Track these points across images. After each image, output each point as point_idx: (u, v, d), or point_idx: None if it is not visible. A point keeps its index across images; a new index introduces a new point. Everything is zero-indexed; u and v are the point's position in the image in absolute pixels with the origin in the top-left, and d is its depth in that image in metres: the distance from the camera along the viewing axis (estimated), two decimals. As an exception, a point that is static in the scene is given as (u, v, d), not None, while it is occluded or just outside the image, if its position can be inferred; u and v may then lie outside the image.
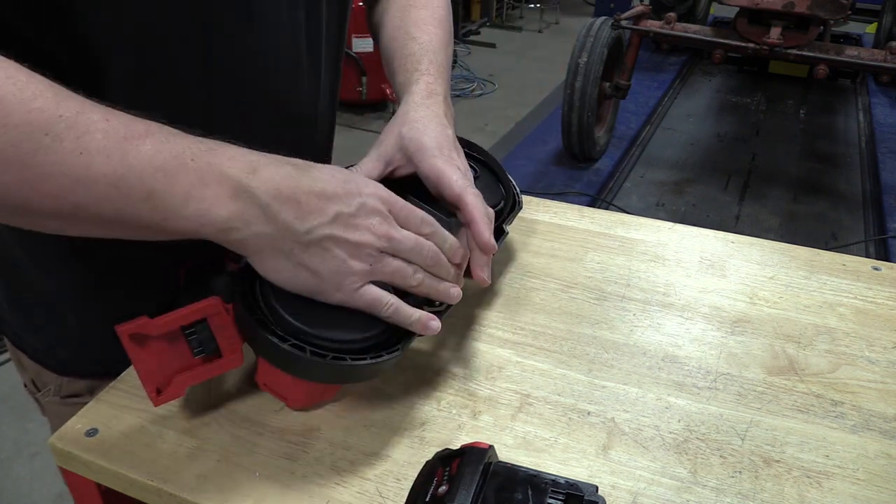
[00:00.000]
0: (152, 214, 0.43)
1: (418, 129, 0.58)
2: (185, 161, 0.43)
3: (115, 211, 0.42)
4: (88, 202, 0.41)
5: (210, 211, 0.44)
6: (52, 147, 0.39)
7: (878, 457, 0.53)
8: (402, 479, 0.50)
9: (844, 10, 2.53)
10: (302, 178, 0.47)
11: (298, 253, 0.47)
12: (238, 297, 0.49)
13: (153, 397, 0.49)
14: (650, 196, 2.73)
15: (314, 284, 0.48)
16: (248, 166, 0.45)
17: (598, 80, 2.64)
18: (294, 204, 0.46)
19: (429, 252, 0.51)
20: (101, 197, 0.41)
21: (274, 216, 0.45)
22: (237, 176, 0.44)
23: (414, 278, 0.51)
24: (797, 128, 3.46)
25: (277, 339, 0.47)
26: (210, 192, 0.43)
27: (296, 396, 0.54)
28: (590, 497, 0.43)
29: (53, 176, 0.39)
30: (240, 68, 0.58)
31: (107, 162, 0.40)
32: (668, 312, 0.68)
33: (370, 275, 0.49)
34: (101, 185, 0.41)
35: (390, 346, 0.51)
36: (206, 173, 0.43)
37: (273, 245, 0.46)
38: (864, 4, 4.46)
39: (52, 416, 0.73)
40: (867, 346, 0.64)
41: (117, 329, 0.46)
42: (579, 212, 0.84)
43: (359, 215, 0.48)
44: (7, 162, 0.38)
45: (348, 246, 0.48)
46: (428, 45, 0.66)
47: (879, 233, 2.44)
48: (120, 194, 0.41)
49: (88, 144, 0.40)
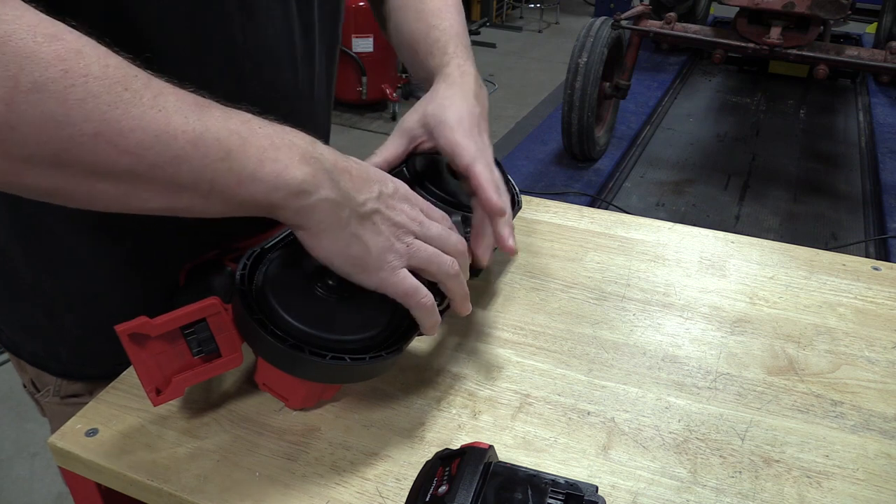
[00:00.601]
0: (228, 177, 0.42)
1: (443, 105, 0.59)
2: (253, 127, 0.44)
3: (190, 172, 0.41)
4: (166, 161, 0.40)
5: (286, 172, 0.44)
6: (132, 101, 0.38)
7: (878, 457, 0.53)
8: (402, 479, 0.50)
9: (844, 10, 2.52)
10: (347, 157, 0.49)
11: (355, 224, 0.47)
12: (237, 297, 0.49)
13: (153, 397, 0.49)
14: (650, 196, 2.73)
15: (362, 259, 0.48)
16: (307, 138, 0.47)
17: (598, 80, 2.64)
18: (348, 175, 0.47)
19: (457, 241, 0.53)
20: (179, 155, 0.40)
21: (337, 182, 0.46)
22: (303, 143, 0.46)
23: (452, 267, 0.52)
24: (797, 128, 3.45)
25: (276, 339, 0.47)
26: (283, 155, 0.44)
27: (295, 396, 0.54)
28: (590, 497, 0.43)
29: (133, 130, 0.38)
30: (236, 58, 0.58)
31: (185, 121, 0.40)
32: (668, 312, 0.68)
33: (408, 257, 0.50)
34: (180, 142, 0.40)
35: (389, 345, 0.51)
36: (275, 139, 0.44)
37: (334, 213, 0.46)
38: (864, 4, 4.46)
39: (52, 417, 0.73)
40: (867, 346, 0.64)
41: (117, 329, 0.46)
42: (579, 212, 0.84)
43: (395, 197, 0.50)
44: (87, 112, 0.37)
45: (391, 224, 0.49)
46: (450, 30, 0.67)
47: (879, 233, 2.44)
48: (198, 153, 0.41)
49: (165, 103, 0.40)
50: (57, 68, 0.36)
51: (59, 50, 0.36)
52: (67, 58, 0.36)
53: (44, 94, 0.35)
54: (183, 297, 0.50)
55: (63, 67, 0.36)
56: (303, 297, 0.50)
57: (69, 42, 0.37)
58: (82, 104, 0.37)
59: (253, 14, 0.57)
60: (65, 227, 0.60)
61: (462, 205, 0.64)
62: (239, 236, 0.60)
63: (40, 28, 0.36)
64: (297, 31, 0.62)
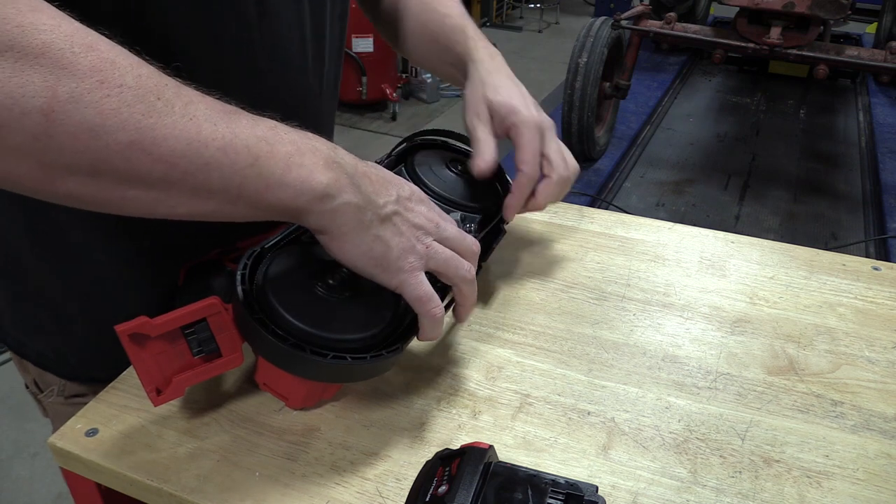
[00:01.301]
0: (256, 182, 0.43)
1: (499, 91, 0.64)
2: (279, 133, 0.45)
3: (220, 179, 0.42)
4: (197, 168, 0.41)
5: (311, 177, 0.45)
6: (164, 111, 0.39)
7: (878, 457, 0.53)
8: (402, 479, 0.50)
9: (844, 10, 2.53)
10: (366, 162, 0.51)
11: (377, 225, 0.48)
12: (237, 297, 0.49)
13: (153, 397, 0.49)
14: (650, 196, 2.73)
15: (385, 259, 0.49)
16: (329, 144, 0.48)
17: (598, 80, 2.64)
18: (368, 179, 0.49)
19: (471, 242, 0.54)
20: (210, 162, 0.41)
21: (358, 186, 0.47)
22: (325, 149, 0.47)
23: (469, 272, 0.53)
24: (797, 128, 3.45)
25: (277, 338, 0.47)
26: (308, 161, 0.45)
27: (296, 396, 0.54)
28: (590, 497, 0.43)
29: (166, 139, 0.39)
30: (253, 61, 0.59)
31: (215, 129, 0.41)
32: (668, 312, 0.68)
33: (426, 259, 0.50)
34: (211, 150, 0.41)
35: (390, 344, 0.51)
36: (300, 144, 0.45)
37: (357, 216, 0.47)
38: (864, 4, 4.46)
39: (54, 417, 0.73)
40: (867, 346, 0.64)
41: (117, 329, 0.46)
42: (579, 212, 0.84)
43: (412, 199, 0.51)
44: (122, 122, 0.38)
45: (410, 226, 0.50)
46: (461, 17, 0.71)
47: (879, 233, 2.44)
48: (228, 160, 0.42)
49: (196, 112, 0.41)
50: (93, 79, 0.37)
51: (94, 60, 0.37)
52: (103, 68, 0.37)
53: (80, 104, 0.36)
54: (183, 297, 0.50)
55: (99, 78, 0.37)
56: (303, 297, 0.50)
57: (104, 52, 0.38)
58: (117, 114, 0.37)
59: (267, 14, 0.58)
60: (74, 225, 0.60)
61: (460, 203, 0.64)
62: (239, 236, 0.60)
63: (77, 38, 0.37)
64: (309, 31, 0.63)
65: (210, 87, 0.43)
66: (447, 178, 0.65)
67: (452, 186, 0.65)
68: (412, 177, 0.64)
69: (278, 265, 0.52)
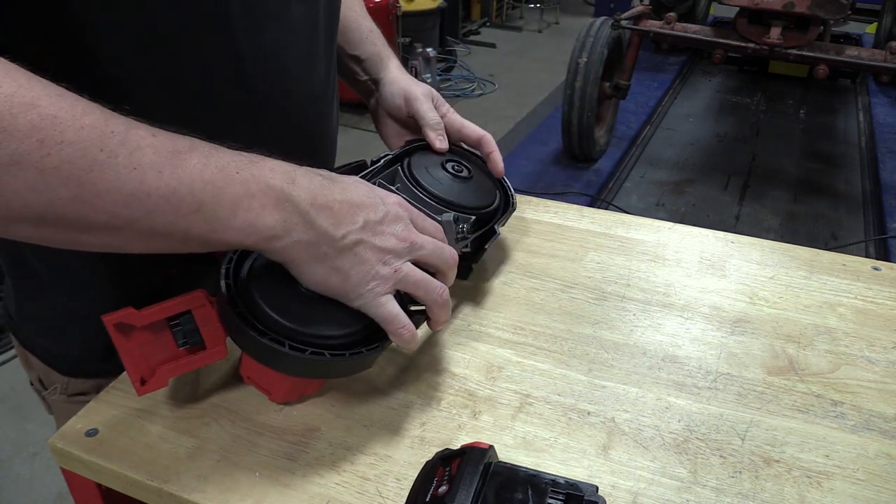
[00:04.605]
0: (202, 226, 0.44)
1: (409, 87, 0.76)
2: (230, 174, 0.44)
3: (166, 224, 0.43)
4: (141, 216, 0.42)
5: (257, 221, 0.45)
6: (107, 163, 0.40)
7: (878, 457, 0.53)
8: (402, 479, 0.50)
9: (844, 10, 2.53)
10: (333, 187, 0.49)
11: (332, 257, 0.48)
12: (220, 291, 0.49)
13: (137, 387, 0.49)
14: (650, 196, 2.73)
15: (342, 287, 0.50)
16: (287, 176, 0.47)
17: (598, 80, 2.64)
18: (328, 211, 0.48)
19: (450, 255, 0.54)
20: (153, 210, 0.42)
21: (312, 222, 0.47)
22: (279, 185, 0.46)
23: (441, 295, 0.53)
24: (797, 128, 3.46)
25: (257, 333, 0.47)
26: (256, 203, 0.45)
27: (278, 390, 0.54)
28: (590, 497, 0.43)
29: (109, 191, 0.40)
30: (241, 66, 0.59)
31: (159, 176, 0.41)
32: (668, 312, 0.68)
33: (395, 282, 0.50)
34: (153, 199, 0.41)
35: (371, 342, 0.51)
36: (251, 184, 0.45)
37: (310, 251, 0.48)
38: (864, 4, 4.45)
39: (58, 414, 0.74)
40: (867, 346, 0.64)
41: (104, 319, 0.47)
42: (579, 212, 0.84)
43: (384, 222, 0.51)
44: (64, 178, 0.38)
45: (376, 251, 0.50)
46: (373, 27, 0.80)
47: (879, 233, 2.44)
48: (172, 207, 0.42)
49: (141, 160, 0.41)
50: (33, 139, 0.37)
51: (34, 119, 0.37)
52: (43, 127, 0.37)
53: (21, 166, 0.37)
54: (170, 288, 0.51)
55: (39, 137, 0.37)
56: (286, 293, 0.50)
57: (45, 108, 0.38)
58: (58, 172, 0.38)
59: (255, 20, 0.58)
60: None
61: (454, 203, 0.64)
62: None
63: (17, 97, 0.37)
64: (302, 33, 0.63)
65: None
66: (442, 179, 0.65)
67: (447, 187, 0.65)
68: (408, 178, 0.64)
69: (264, 261, 0.52)
